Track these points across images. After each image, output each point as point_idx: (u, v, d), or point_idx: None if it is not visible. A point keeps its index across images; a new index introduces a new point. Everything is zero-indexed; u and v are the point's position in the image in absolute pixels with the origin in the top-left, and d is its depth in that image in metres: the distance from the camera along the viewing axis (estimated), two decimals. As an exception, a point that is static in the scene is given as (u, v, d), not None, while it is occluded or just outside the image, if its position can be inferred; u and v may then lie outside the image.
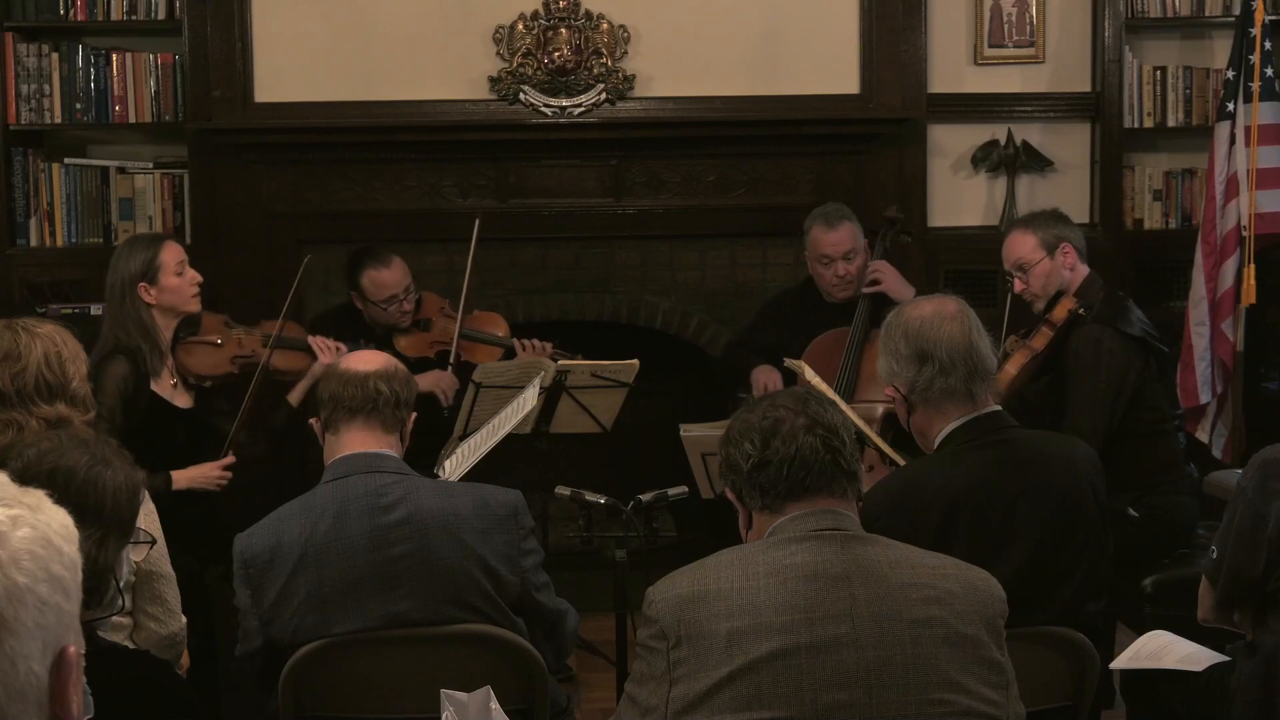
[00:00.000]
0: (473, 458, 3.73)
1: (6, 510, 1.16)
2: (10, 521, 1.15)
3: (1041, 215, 4.32)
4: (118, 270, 4.01)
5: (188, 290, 4.05)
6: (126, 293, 3.97)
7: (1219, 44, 5.50)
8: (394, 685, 2.77)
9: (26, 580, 1.14)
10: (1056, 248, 4.16)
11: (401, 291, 4.60)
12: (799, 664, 2.00)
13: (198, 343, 4.14)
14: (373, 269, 4.60)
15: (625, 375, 4.34)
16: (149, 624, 2.84)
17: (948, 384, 2.84)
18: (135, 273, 3.97)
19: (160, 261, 3.99)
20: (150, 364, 3.96)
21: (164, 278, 4.00)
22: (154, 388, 3.98)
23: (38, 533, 1.16)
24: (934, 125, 5.42)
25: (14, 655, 1.13)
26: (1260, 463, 2.86)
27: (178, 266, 4.02)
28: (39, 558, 1.15)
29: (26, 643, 1.14)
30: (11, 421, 2.71)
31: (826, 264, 4.67)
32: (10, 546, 1.14)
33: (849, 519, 2.19)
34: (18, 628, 1.13)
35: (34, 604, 1.14)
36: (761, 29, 5.29)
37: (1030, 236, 4.21)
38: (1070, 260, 4.17)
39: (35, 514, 1.18)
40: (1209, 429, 5.12)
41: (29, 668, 1.14)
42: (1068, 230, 4.22)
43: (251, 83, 5.20)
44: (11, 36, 5.16)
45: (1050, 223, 4.23)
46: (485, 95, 5.24)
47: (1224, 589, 2.89)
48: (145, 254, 4.00)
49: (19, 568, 1.14)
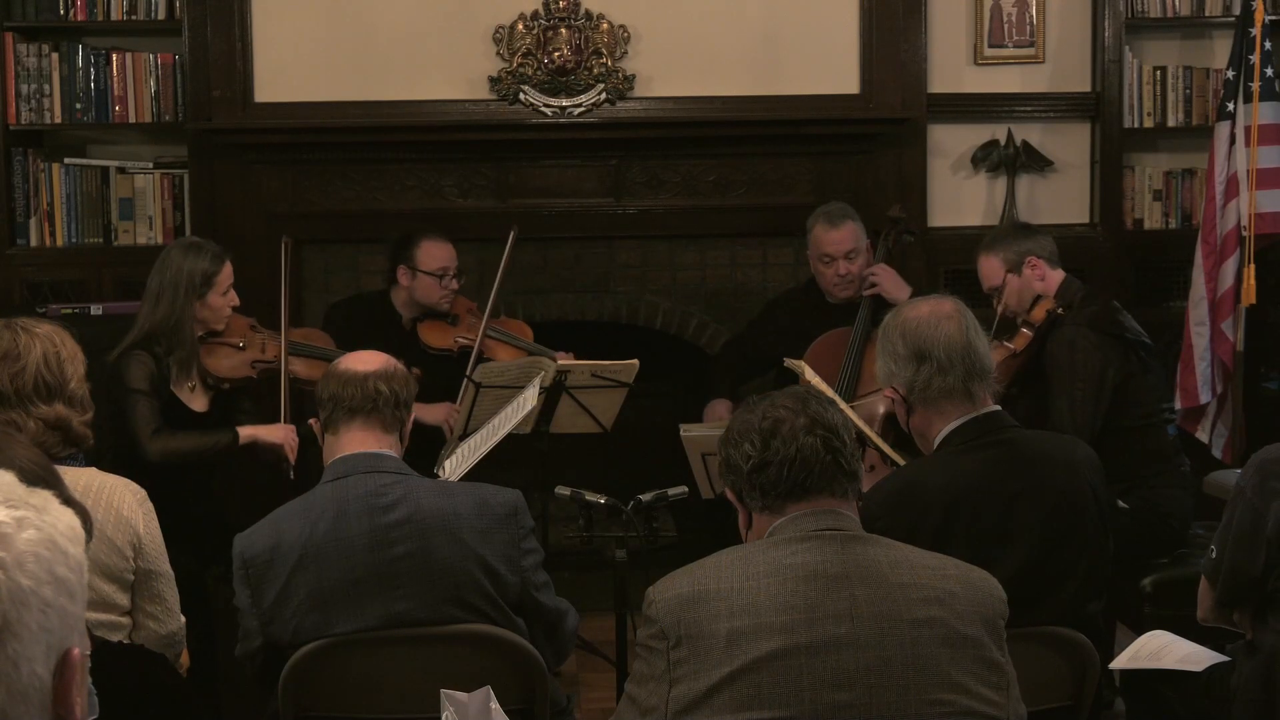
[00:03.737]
0: (473, 458, 3.72)
1: (11, 511, 1.15)
2: (15, 523, 1.15)
3: (1002, 234, 4.36)
4: (176, 268, 4.00)
5: (225, 311, 4.09)
6: (180, 296, 3.97)
7: (1219, 44, 5.50)
8: (394, 685, 2.77)
9: (31, 583, 1.13)
10: (1021, 264, 4.20)
11: (453, 269, 4.61)
12: (799, 664, 2.00)
13: (219, 344, 4.14)
14: (429, 240, 4.62)
15: (625, 375, 4.34)
16: (148, 623, 2.84)
17: (946, 383, 2.84)
18: (194, 280, 3.99)
19: (217, 279, 4.03)
20: (174, 369, 3.97)
21: (212, 295, 4.03)
22: (172, 388, 3.98)
23: (43, 534, 1.16)
24: (934, 125, 5.42)
25: (17, 658, 1.12)
26: (1259, 462, 2.87)
27: (227, 288, 4.06)
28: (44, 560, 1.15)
29: (30, 645, 1.13)
30: (10, 422, 2.71)
31: (828, 263, 4.67)
32: (15, 549, 1.13)
33: (849, 519, 2.19)
34: (21, 630, 1.12)
35: (38, 606, 1.14)
36: (761, 29, 5.29)
37: (993, 259, 4.25)
38: (1039, 272, 4.20)
39: (41, 515, 1.17)
40: (1209, 429, 5.12)
41: (32, 670, 1.13)
42: (1030, 242, 4.24)
43: (251, 83, 5.20)
44: (11, 36, 5.16)
45: (1011, 240, 4.26)
46: (485, 95, 5.24)
47: (1223, 589, 2.89)
48: (208, 265, 4.02)
49: (23, 570, 1.13)
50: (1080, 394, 3.95)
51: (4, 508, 1.16)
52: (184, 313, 3.97)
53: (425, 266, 4.59)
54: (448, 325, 4.66)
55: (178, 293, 3.97)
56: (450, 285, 4.61)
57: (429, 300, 4.61)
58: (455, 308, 4.69)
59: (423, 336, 4.62)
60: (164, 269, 4.02)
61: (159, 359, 3.94)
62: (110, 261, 5.17)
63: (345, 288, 5.24)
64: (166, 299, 3.98)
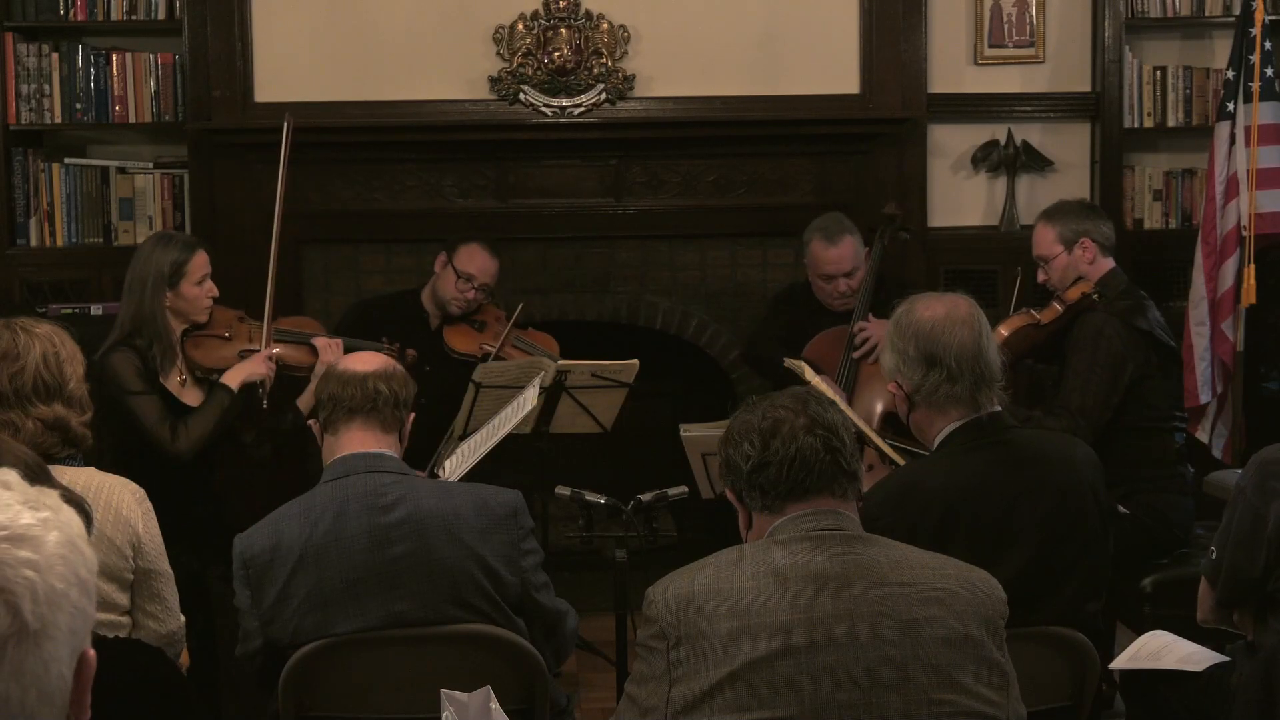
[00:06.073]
0: (473, 458, 3.72)
1: (35, 513, 1.14)
2: (41, 524, 1.14)
3: (1067, 207, 4.30)
4: (144, 263, 4.00)
5: (202, 302, 4.07)
6: (148, 288, 3.97)
7: (1219, 44, 5.50)
8: (394, 685, 2.77)
9: (62, 585, 1.13)
10: (1075, 243, 4.17)
11: (479, 281, 4.62)
12: (799, 664, 2.00)
13: (206, 336, 4.13)
14: (476, 244, 4.65)
15: (625, 375, 4.34)
16: (148, 622, 2.84)
17: (954, 391, 2.84)
18: (161, 271, 3.98)
19: (188, 269, 4.01)
20: (159, 362, 3.97)
21: (185, 285, 4.01)
22: (163, 382, 3.98)
23: (65, 536, 1.15)
24: (934, 125, 5.42)
25: (48, 660, 1.12)
26: (1259, 462, 2.86)
27: (201, 277, 4.04)
28: (70, 561, 1.14)
29: (60, 647, 1.13)
30: (8, 422, 2.71)
31: (827, 280, 4.65)
32: (46, 551, 1.13)
33: (849, 519, 2.19)
34: (55, 633, 1.12)
35: (68, 609, 1.13)
36: (761, 29, 5.29)
37: (1050, 230, 4.22)
38: (1089, 255, 4.18)
39: (58, 515, 1.17)
40: (1209, 429, 5.11)
41: (60, 672, 1.13)
42: (1090, 224, 4.21)
43: (251, 83, 5.20)
44: (11, 36, 5.16)
45: (1073, 217, 4.22)
46: (485, 95, 5.24)
47: (1223, 589, 2.89)
48: (175, 255, 4.00)
49: (54, 572, 1.12)
50: (1097, 378, 3.95)
51: (27, 510, 1.15)
52: (155, 304, 3.96)
53: (458, 264, 4.62)
54: (474, 330, 4.68)
55: (147, 285, 3.97)
56: (469, 294, 4.62)
57: (444, 295, 4.64)
58: (484, 315, 4.70)
59: (448, 339, 4.64)
60: (136, 263, 4.03)
61: (142, 352, 3.94)
62: (110, 261, 5.16)
63: (345, 287, 5.24)
64: (137, 292, 3.99)
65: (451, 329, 4.66)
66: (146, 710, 1.99)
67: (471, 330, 4.66)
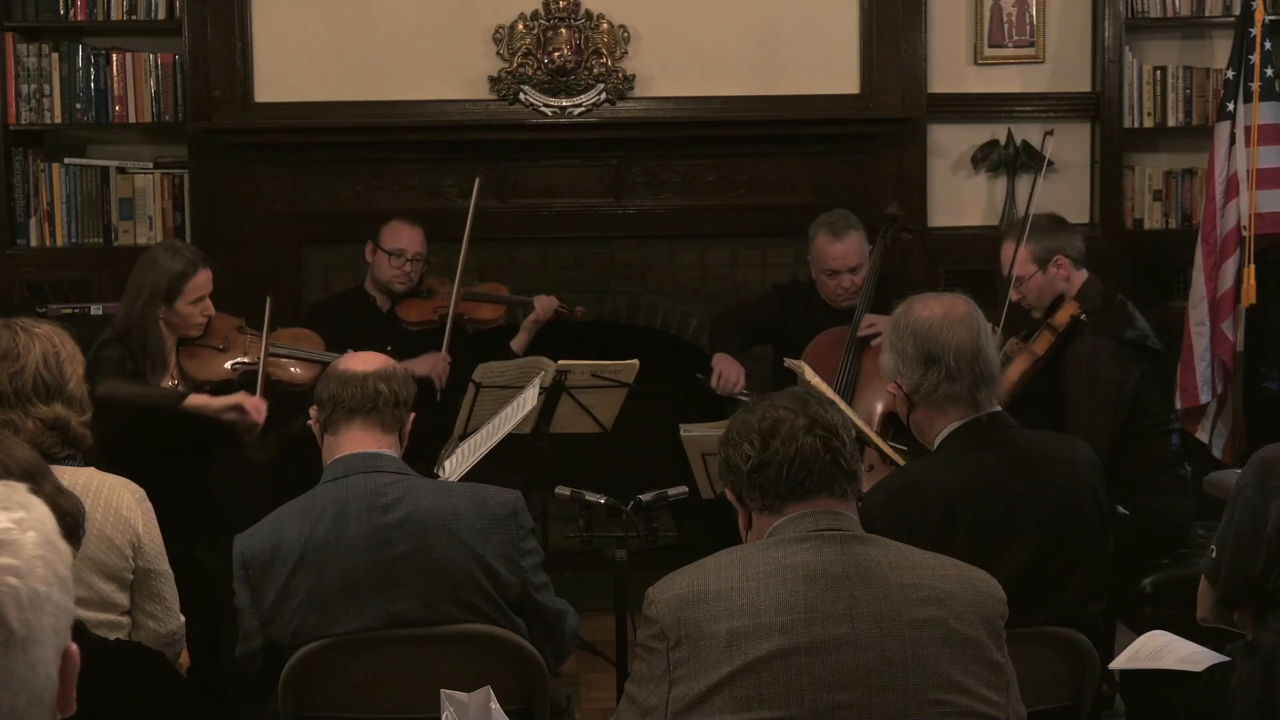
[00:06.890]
0: (473, 458, 3.72)
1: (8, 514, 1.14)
2: (18, 526, 1.13)
3: (1037, 226, 4.24)
4: (146, 271, 4.01)
5: (195, 319, 4.06)
6: (143, 297, 3.97)
7: (1219, 44, 5.50)
8: (394, 685, 2.77)
9: (45, 589, 1.12)
10: (1049, 261, 4.16)
11: (410, 253, 4.70)
12: (799, 664, 2.00)
13: (201, 346, 4.13)
14: (397, 221, 4.75)
15: (625, 375, 4.35)
16: (147, 622, 2.83)
17: (953, 390, 2.84)
18: (159, 285, 3.98)
19: (186, 287, 4.01)
20: (147, 366, 3.96)
21: (180, 303, 4.02)
22: None
23: (41, 534, 1.14)
24: (934, 125, 5.42)
25: (35, 664, 1.11)
26: (1259, 462, 2.86)
27: (198, 297, 4.03)
28: (49, 561, 1.14)
29: (46, 650, 1.13)
30: (8, 422, 2.71)
31: (831, 276, 4.65)
32: (25, 555, 1.12)
33: (849, 519, 2.18)
34: (41, 637, 1.12)
35: (51, 610, 1.13)
36: (761, 29, 5.29)
37: (1023, 251, 4.19)
38: (1064, 272, 4.17)
39: (30, 512, 1.16)
40: (1209, 429, 5.11)
41: (47, 673, 1.13)
42: (1061, 239, 4.20)
43: (251, 83, 5.20)
44: (11, 36, 5.16)
45: (1043, 234, 4.21)
46: (485, 95, 5.24)
47: (1223, 588, 2.89)
48: (178, 270, 4.00)
49: (36, 576, 1.12)
50: (1100, 409, 3.94)
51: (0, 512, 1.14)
52: (148, 314, 3.97)
53: (384, 244, 4.71)
54: (423, 300, 4.78)
55: (142, 294, 3.98)
56: (404, 268, 4.70)
57: (382, 278, 4.72)
58: (428, 284, 4.79)
59: (401, 315, 4.74)
60: (140, 267, 4.05)
61: (133, 351, 3.95)
62: (110, 261, 5.17)
63: (345, 287, 5.23)
64: (132, 297, 4.00)
65: (403, 306, 4.76)
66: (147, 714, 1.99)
67: (421, 301, 4.77)
